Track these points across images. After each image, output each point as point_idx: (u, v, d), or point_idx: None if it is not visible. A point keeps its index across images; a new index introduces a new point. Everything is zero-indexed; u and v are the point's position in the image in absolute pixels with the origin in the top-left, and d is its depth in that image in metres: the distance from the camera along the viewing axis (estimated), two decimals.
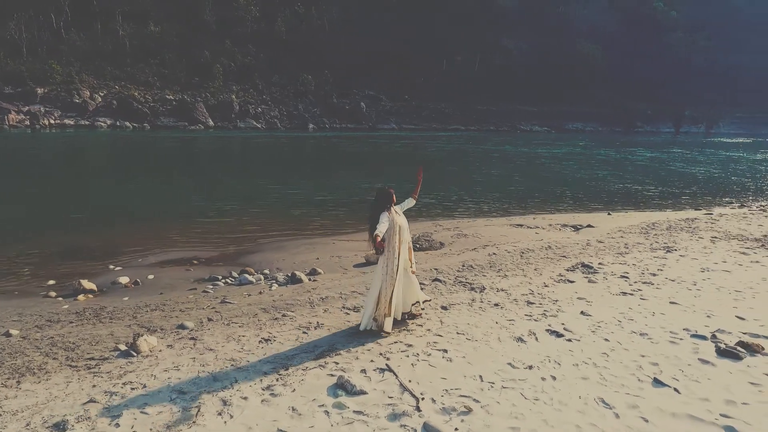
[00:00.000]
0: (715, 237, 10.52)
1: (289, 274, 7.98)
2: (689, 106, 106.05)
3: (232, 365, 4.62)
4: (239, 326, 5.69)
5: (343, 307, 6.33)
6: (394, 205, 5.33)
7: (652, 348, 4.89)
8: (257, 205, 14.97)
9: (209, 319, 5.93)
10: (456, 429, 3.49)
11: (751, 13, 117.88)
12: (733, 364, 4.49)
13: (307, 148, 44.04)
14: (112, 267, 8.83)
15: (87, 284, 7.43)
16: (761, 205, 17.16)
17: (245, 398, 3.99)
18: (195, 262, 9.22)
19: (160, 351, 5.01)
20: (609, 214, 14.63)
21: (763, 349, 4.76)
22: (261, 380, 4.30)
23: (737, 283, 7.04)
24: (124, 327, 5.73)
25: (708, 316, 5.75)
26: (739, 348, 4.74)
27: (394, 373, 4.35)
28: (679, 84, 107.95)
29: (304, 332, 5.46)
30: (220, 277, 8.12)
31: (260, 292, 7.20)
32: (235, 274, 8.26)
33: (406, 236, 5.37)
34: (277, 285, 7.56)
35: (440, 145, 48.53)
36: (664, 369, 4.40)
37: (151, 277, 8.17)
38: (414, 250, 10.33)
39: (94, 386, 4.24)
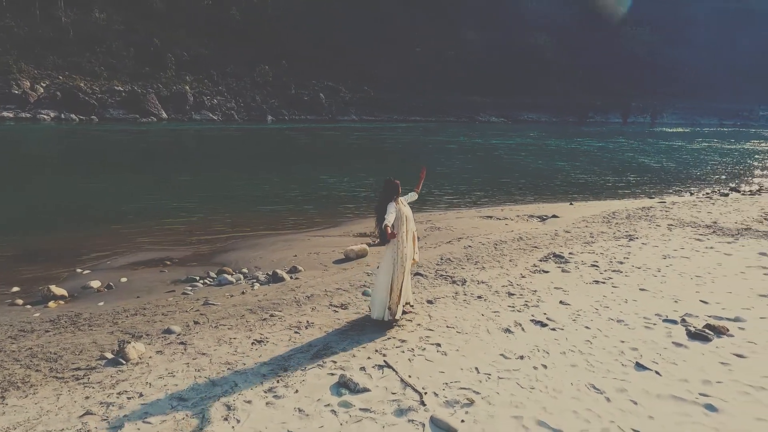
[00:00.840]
0: (671, 224, 11.19)
1: (270, 273, 7.91)
2: (636, 97, 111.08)
3: (228, 369, 4.59)
4: (228, 328, 5.63)
5: (331, 305, 6.36)
6: (400, 196, 5.45)
7: (629, 334, 5.22)
8: (225, 202, 14.64)
9: (196, 323, 5.84)
10: (462, 421, 3.63)
11: (694, 10, 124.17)
12: (703, 346, 4.87)
13: (267, 140, 43.19)
14: (79, 270, 8.47)
15: (57, 290, 7.12)
16: (706, 193, 18.33)
17: (249, 402, 3.99)
18: (168, 262, 8.98)
19: (150, 358, 4.90)
20: (571, 203, 15.24)
21: (727, 330, 5.17)
22: (261, 383, 4.30)
23: (697, 269, 7.56)
24: (106, 334, 5.55)
25: (675, 301, 6.17)
26: (707, 330, 5.13)
27: (394, 370, 4.46)
28: (627, 76, 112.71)
29: (296, 332, 5.47)
30: (197, 278, 7.96)
31: (243, 292, 7.12)
32: (213, 275, 8.11)
33: (411, 226, 5.56)
34: (258, 284, 7.49)
35: (397, 137, 48.74)
36: (644, 353, 4.71)
37: (124, 280, 7.91)
38: None
39: (87, 398, 4.12)
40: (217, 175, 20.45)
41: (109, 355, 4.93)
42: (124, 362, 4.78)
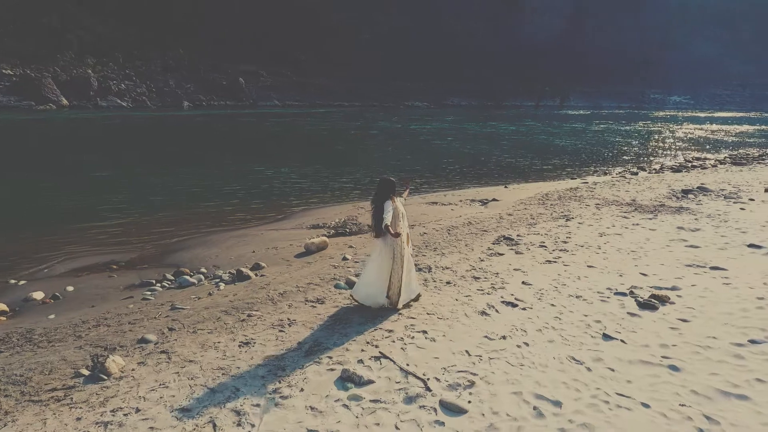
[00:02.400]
0: (598, 204, 12.29)
1: (234, 272, 7.72)
2: (547, 82, 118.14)
3: (223, 374, 4.52)
4: (208, 332, 5.49)
5: (307, 301, 6.38)
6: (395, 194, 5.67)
7: (589, 308, 5.79)
8: (157, 200, 13.72)
9: (171, 329, 5.62)
10: (469, 402, 3.91)
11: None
12: (653, 314, 5.54)
13: (186, 129, 40.94)
14: (13, 281, 7.73)
15: None
16: (619, 172, 20.20)
17: (257, 405, 3.99)
18: (114, 266, 8.45)
19: (133, 370, 4.69)
20: (506, 187, 16.16)
21: (669, 299, 5.91)
22: (264, 385, 4.30)
23: (630, 245, 8.45)
24: (74, 349, 5.19)
25: (620, 275, 6.90)
26: (653, 300, 5.84)
27: (392, 360, 4.64)
28: (538, 62, 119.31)
29: (281, 331, 5.46)
30: (154, 281, 7.60)
31: (210, 294, 6.92)
32: (170, 277, 7.78)
33: (406, 222, 5.86)
34: (224, 284, 7.31)
35: (318, 123, 48.24)
36: (607, 325, 5.28)
37: (70, 288, 7.35)
38: (344, 235, 10.62)
39: (78, 419, 3.90)
40: (138, 170, 18.97)
41: (85, 372, 4.65)
42: (106, 377, 4.54)
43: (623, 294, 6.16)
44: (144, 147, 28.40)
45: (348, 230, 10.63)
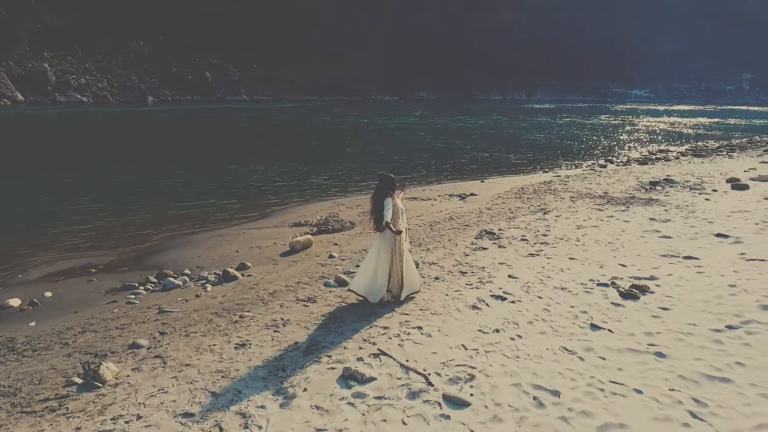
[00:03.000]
0: (573, 197, 12.66)
1: (221, 272, 7.63)
2: (514, 76, 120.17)
3: (223, 377, 4.50)
4: (201, 335, 5.43)
5: (298, 300, 6.38)
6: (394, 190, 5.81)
7: (575, 299, 6.01)
8: (130, 201, 13.20)
9: (162, 333, 5.54)
10: (471, 395, 4.03)
11: None
12: (635, 304, 5.79)
13: (149, 125, 39.81)
14: None
15: None
16: (588, 165, 20.82)
17: (262, 407, 4.00)
18: (93, 270, 8.21)
19: (128, 377, 4.61)
20: (482, 181, 16.42)
21: (648, 288, 6.19)
22: (266, 386, 4.30)
23: (607, 236, 8.77)
24: (62, 357, 5.06)
25: (600, 267, 7.17)
26: (634, 290, 6.10)
27: (391, 357, 4.71)
28: (506, 57, 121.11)
29: (276, 331, 5.46)
30: (137, 284, 7.43)
31: (197, 296, 6.83)
32: (153, 279, 7.62)
33: (405, 218, 6.00)
34: (211, 285, 7.21)
35: (285, 117, 47.79)
36: (593, 315, 5.50)
37: (48, 294, 7.12)
38: (327, 232, 10.63)
39: (77, 429, 3.82)
40: (104, 170, 18.15)
41: (78, 380, 4.55)
42: (100, 385, 4.45)
43: (605, 285, 6.41)
44: (108, 145, 27.41)
45: (330, 227, 10.63)
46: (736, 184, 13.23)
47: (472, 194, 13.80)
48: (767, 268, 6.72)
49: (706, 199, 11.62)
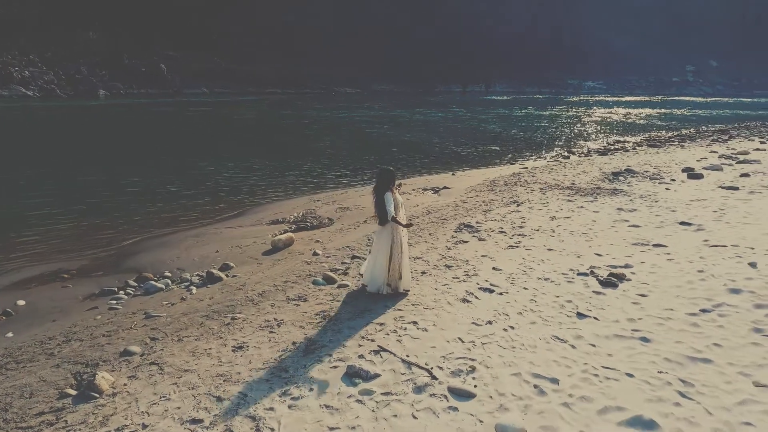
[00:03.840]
0: (542, 188, 13.09)
1: (204, 273, 7.51)
2: (474, 68, 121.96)
3: (225, 381, 4.47)
4: (195, 339, 5.36)
5: (289, 300, 6.37)
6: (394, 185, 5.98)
7: (558, 289, 6.28)
8: (94, 203, 12.58)
9: (153, 339, 5.42)
10: (475, 386, 4.17)
11: None
12: (614, 291, 6.11)
13: (102, 120, 38.14)
14: None
15: None
16: (552, 156, 21.51)
17: (271, 409, 4.01)
18: (66, 275, 7.90)
19: (125, 385, 4.51)
20: (453, 174, 16.71)
21: (625, 276, 6.53)
22: (271, 388, 4.31)
23: (580, 227, 9.14)
24: (50, 369, 4.88)
25: (578, 257, 7.49)
26: (612, 278, 6.43)
27: (392, 353, 4.80)
28: (467, 49, 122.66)
29: (271, 332, 5.44)
30: (116, 289, 7.22)
31: (183, 299, 6.71)
32: (133, 283, 7.42)
33: (404, 211, 6.17)
34: (195, 287, 7.09)
35: (246, 111, 46.87)
36: (578, 304, 5.77)
37: (21, 303, 6.82)
38: (306, 229, 10.61)
39: None
40: (60, 170, 17.28)
41: (72, 391, 4.41)
42: (97, 395, 4.34)
43: (585, 274, 6.72)
44: (60, 142, 26.11)
45: (309, 224, 10.60)
46: (692, 174, 14.02)
47: (445, 188, 14.02)
48: (729, 254, 7.21)
49: (666, 189, 12.28)
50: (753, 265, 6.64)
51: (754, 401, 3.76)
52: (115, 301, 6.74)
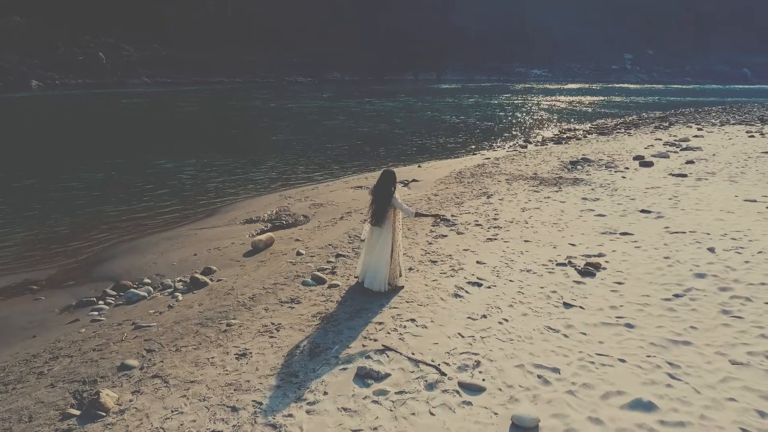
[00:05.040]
0: (508, 179, 13.55)
1: (187, 279, 7.35)
2: (425, 57, 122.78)
3: (236, 390, 4.46)
4: (194, 348, 5.29)
5: (282, 302, 6.37)
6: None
7: (541, 280, 6.62)
8: (47, 208, 11.73)
9: (149, 351, 5.30)
10: (483, 380, 4.39)
11: None
12: (593, 280, 6.52)
13: (35, 114, 35.71)
14: None
15: None
16: (511, 146, 22.19)
17: (290, 416, 4.06)
18: (34, 287, 7.50)
19: (131, 401, 4.41)
20: (419, 166, 16.93)
21: (600, 265, 6.96)
22: (285, 394, 4.35)
23: (550, 217, 9.59)
24: (45, 389, 4.69)
25: (554, 247, 7.89)
26: (589, 267, 6.84)
27: (398, 352, 4.95)
28: (417, 36, 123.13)
29: (272, 337, 5.45)
30: (95, 299, 6.95)
31: (170, 306, 6.55)
32: (111, 291, 7.17)
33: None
34: (181, 294, 6.93)
35: (187, 102, 45.29)
36: (563, 294, 6.12)
37: None
38: (283, 228, 10.55)
39: None
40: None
41: (74, 411, 4.29)
42: (104, 413, 4.23)
43: (564, 264, 7.10)
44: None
45: (284, 222, 10.52)
46: (643, 162, 14.93)
47: (414, 180, 14.23)
48: (689, 240, 7.83)
49: (623, 177, 13.03)
50: (711, 250, 7.25)
51: (733, 378, 4.19)
52: (96, 313, 6.50)
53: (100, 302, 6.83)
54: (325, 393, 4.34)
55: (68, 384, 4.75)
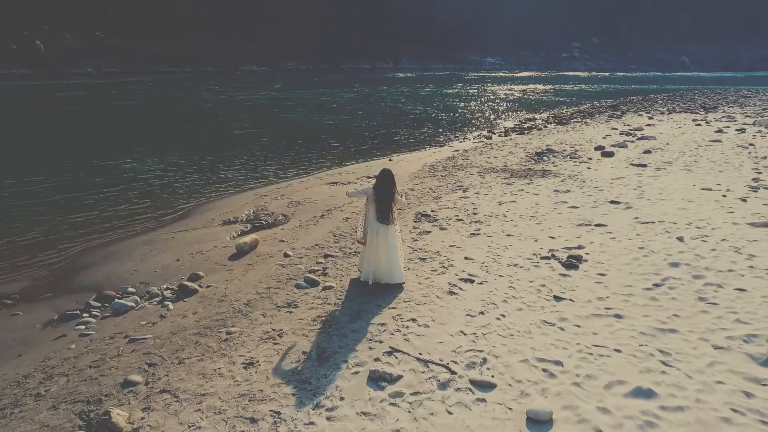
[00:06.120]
0: (480, 172, 13.88)
1: (175, 286, 7.19)
2: (382, 45, 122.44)
3: (251, 401, 4.47)
4: (198, 360, 5.22)
5: (279, 307, 6.36)
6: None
7: (529, 274, 6.90)
8: (2, 217, 11.07)
9: (150, 364, 5.20)
10: (492, 376, 4.59)
11: None
12: (578, 272, 6.86)
13: None
14: None
15: None
16: (475, 137, 22.64)
17: (311, 423, 4.12)
18: (8, 301, 7.13)
19: (143, 419, 4.34)
20: (390, 159, 17.04)
21: (582, 257, 7.32)
22: (301, 402, 4.40)
23: (527, 210, 9.95)
24: (48, 411, 4.53)
25: (535, 240, 8.22)
26: (572, 260, 7.18)
27: (405, 353, 5.08)
28: (374, 25, 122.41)
29: (276, 344, 5.45)
30: (78, 312, 6.69)
31: (162, 316, 6.41)
32: (95, 303, 6.93)
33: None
34: (171, 303, 6.78)
35: (123, 95, 43.49)
36: (552, 287, 6.42)
37: None
38: (263, 228, 10.46)
39: None
40: None
41: None
42: None
43: (547, 258, 7.42)
44: None
45: (264, 222, 10.40)
46: (604, 152, 15.64)
47: None
48: (659, 229, 8.34)
49: (588, 168, 13.63)
50: (681, 239, 7.78)
51: (719, 362, 4.58)
52: (83, 326, 6.27)
53: (85, 315, 6.59)
54: (342, 398, 4.42)
55: (71, 405, 4.60)
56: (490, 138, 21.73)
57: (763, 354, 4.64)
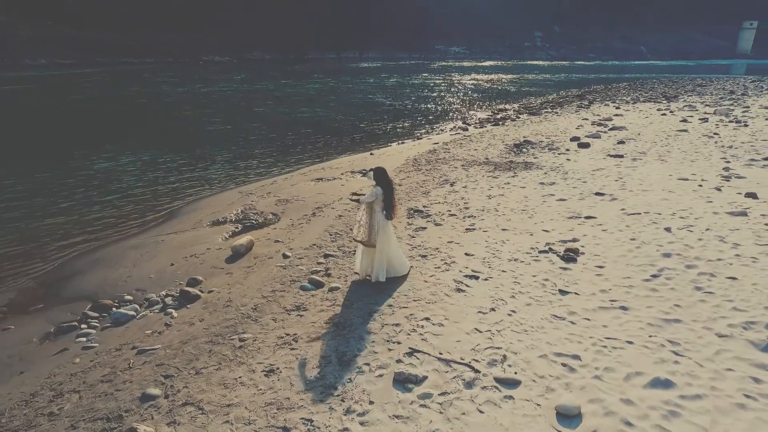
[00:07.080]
0: (464, 165, 14.04)
1: (175, 293, 7.01)
2: (347, 34, 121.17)
3: (279, 409, 4.45)
4: (216, 369, 5.14)
5: (287, 310, 6.31)
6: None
7: (530, 268, 7.07)
8: None
9: (167, 376, 5.08)
10: (515, 373, 4.72)
11: None
12: (576, 266, 7.08)
13: None
14: None
15: None
16: (451, 128, 22.82)
17: (346, 429, 4.15)
18: None
19: None
20: (371, 153, 17.00)
21: (578, 250, 7.56)
22: (331, 408, 4.41)
23: (517, 204, 10.15)
24: (66, 431, 4.38)
25: (530, 234, 8.41)
26: (570, 253, 7.41)
27: (426, 353, 5.14)
28: (339, 14, 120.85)
29: (292, 349, 5.42)
30: (75, 324, 6.45)
31: (167, 325, 6.25)
32: (92, 313, 6.69)
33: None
34: (174, 310, 6.62)
35: (100, 84, 41.81)
36: (555, 281, 6.61)
37: None
38: (254, 228, 10.32)
39: None
40: None
41: None
42: None
43: (546, 252, 7.62)
44: None
45: (254, 222, 10.23)
46: (580, 143, 16.07)
47: (371, 170, 14.25)
48: (646, 220, 8.69)
49: (567, 159, 13.99)
50: (668, 229, 8.13)
51: (725, 350, 4.85)
52: (84, 338, 6.05)
53: (84, 326, 6.36)
54: (371, 402, 4.46)
55: (91, 423, 4.46)
56: (467, 130, 21.95)
57: (763, 340, 4.95)
